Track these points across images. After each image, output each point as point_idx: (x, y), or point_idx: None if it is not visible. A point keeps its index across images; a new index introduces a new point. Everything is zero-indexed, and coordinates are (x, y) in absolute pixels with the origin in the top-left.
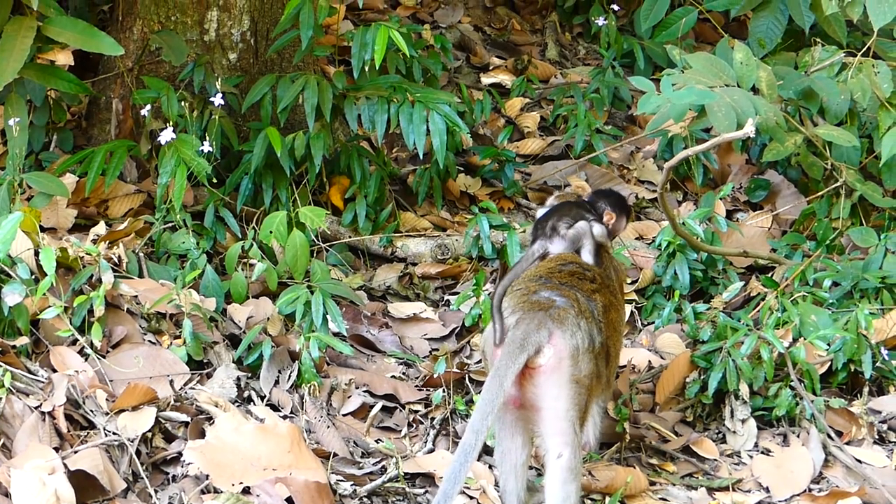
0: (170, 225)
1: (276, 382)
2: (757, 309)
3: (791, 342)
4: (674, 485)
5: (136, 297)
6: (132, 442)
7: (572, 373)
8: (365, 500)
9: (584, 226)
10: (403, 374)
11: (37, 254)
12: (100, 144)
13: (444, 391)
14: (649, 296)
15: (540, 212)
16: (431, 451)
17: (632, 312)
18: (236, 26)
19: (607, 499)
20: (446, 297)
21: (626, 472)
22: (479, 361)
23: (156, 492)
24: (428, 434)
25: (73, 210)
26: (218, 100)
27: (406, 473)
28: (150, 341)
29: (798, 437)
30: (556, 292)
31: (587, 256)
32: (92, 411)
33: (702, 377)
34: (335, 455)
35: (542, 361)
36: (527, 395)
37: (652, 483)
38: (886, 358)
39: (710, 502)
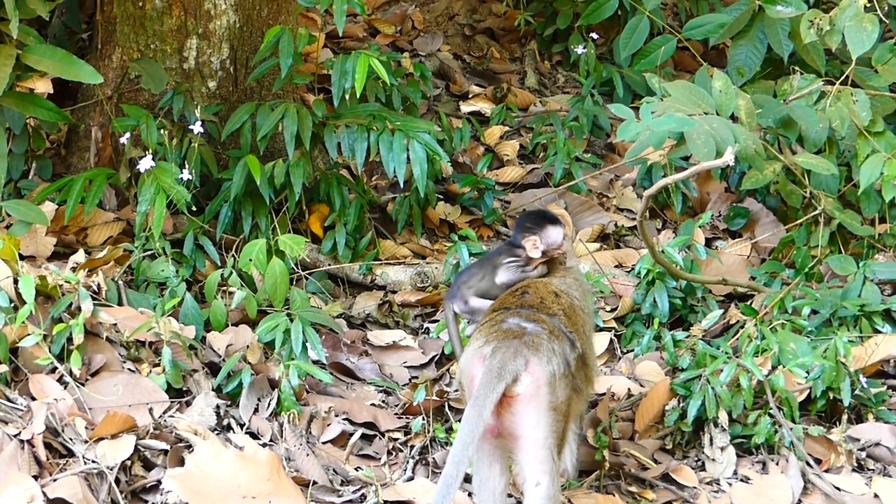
0: (149, 253)
1: (256, 410)
2: (736, 337)
3: (770, 370)
4: None
5: (115, 325)
6: (111, 470)
7: (550, 400)
8: None
9: (448, 308)
10: (383, 401)
11: (16, 282)
12: (79, 172)
13: (423, 419)
14: (629, 323)
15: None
16: (411, 479)
17: (611, 340)
18: (216, 54)
19: None
20: (426, 325)
21: (606, 499)
22: (457, 389)
23: None
24: (407, 462)
25: (52, 238)
26: (197, 128)
27: (386, 501)
28: (129, 369)
29: (777, 464)
30: (522, 318)
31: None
32: (71, 439)
33: (681, 405)
34: (315, 483)
35: (520, 390)
36: (505, 424)
37: None
38: (865, 386)
39: None
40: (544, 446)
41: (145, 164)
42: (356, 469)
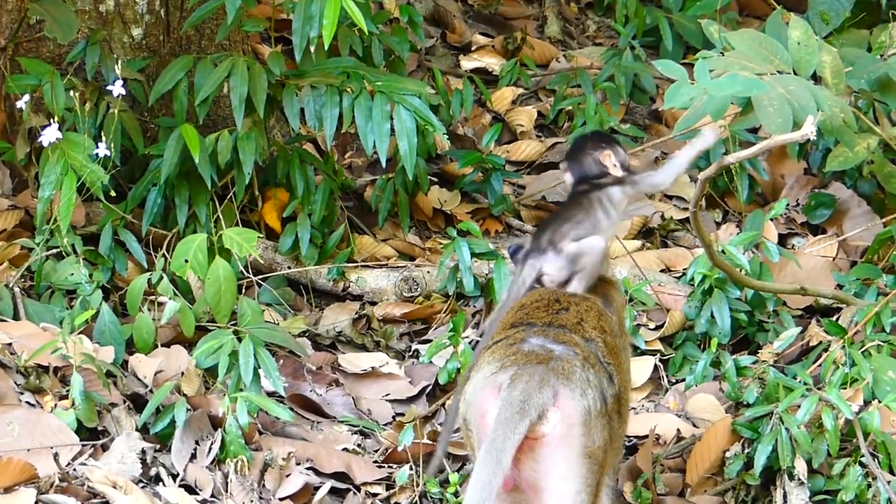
0: (54, 251)
1: (193, 457)
2: (818, 363)
3: (862, 406)
4: None
5: (9, 345)
6: None
7: (584, 444)
8: None
9: (597, 242)
10: (358, 445)
11: None
12: None
13: (411, 469)
14: (678, 345)
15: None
16: None
17: (655, 367)
18: None
19: None
20: (415, 347)
21: None
22: (457, 430)
23: None
24: None
25: None
26: (117, 88)
27: None
28: (27, 403)
29: None
30: (549, 339)
31: (578, 284)
32: None
33: (746, 451)
34: None
35: (548, 430)
36: (525, 474)
37: None
38: None
39: None
40: (575, 503)
41: (49, 135)
42: None
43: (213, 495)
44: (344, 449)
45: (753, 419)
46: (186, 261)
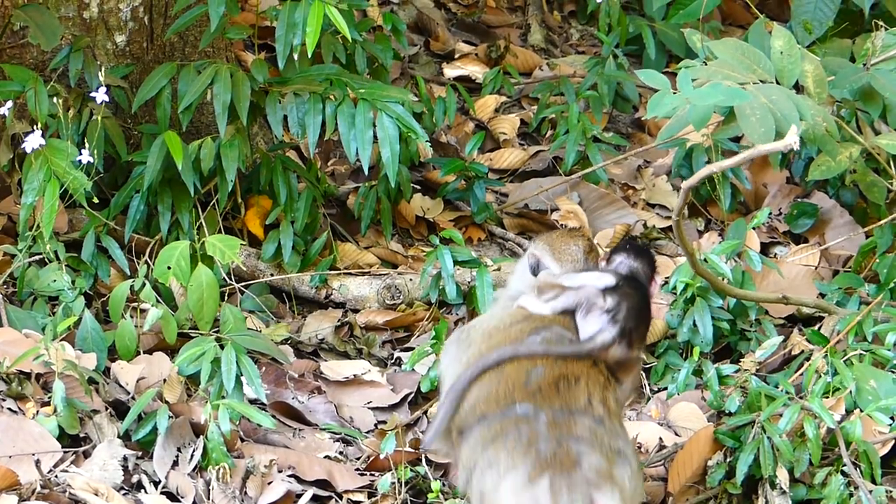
0: (37, 258)
1: (175, 464)
2: (800, 371)
3: (844, 415)
4: None
5: None
6: None
7: None
8: None
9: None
10: (340, 453)
11: None
12: None
13: (393, 476)
14: (660, 354)
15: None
16: None
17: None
18: (125, 0)
19: None
20: (397, 355)
21: None
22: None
23: None
24: None
25: None
26: (101, 95)
27: None
28: (9, 409)
29: None
30: (564, 433)
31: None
32: None
33: (728, 460)
34: None
35: None
36: None
37: None
38: None
39: None
40: None
41: (33, 141)
42: None
43: (195, 502)
44: (326, 456)
45: (735, 428)
46: (169, 267)
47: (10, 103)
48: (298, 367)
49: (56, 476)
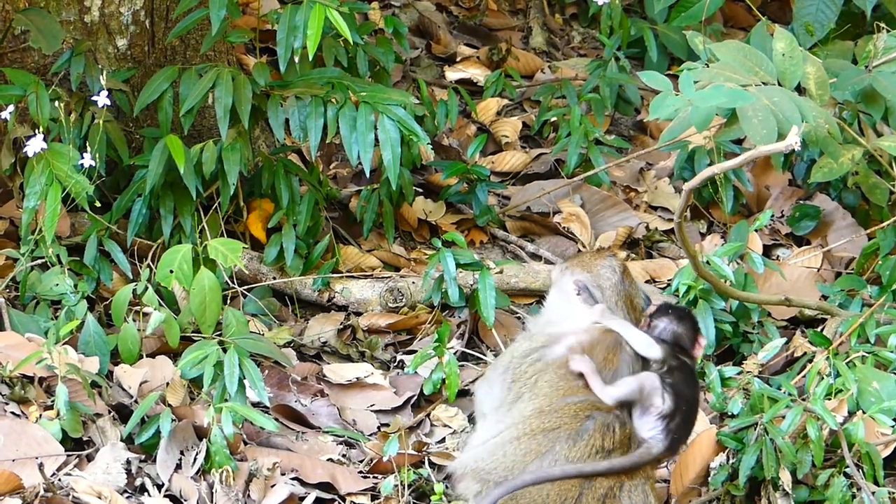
0: (39, 262)
1: (178, 467)
2: (803, 373)
3: (847, 416)
4: None
5: None
6: None
7: None
8: None
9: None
10: (343, 456)
11: None
12: None
13: (396, 479)
14: None
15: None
16: None
17: None
18: (126, 4)
19: None
20: (400, 357)
21: None
22: (442, 440)
23: None
24: None
25: None
26: (102, 99)
27: None
28: (13, 413)
29: None
30: None
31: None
32: None
33: (731, 461)
34: None
35: None
36: None
37: None
38: None
39: None
40: None
41: (34, 145)
42: None
43: None
44: (329, 459)
45: (738, 430)
46: (171, 271)
47: (11, 107)
48: (301, 371)
49: (59, 479)
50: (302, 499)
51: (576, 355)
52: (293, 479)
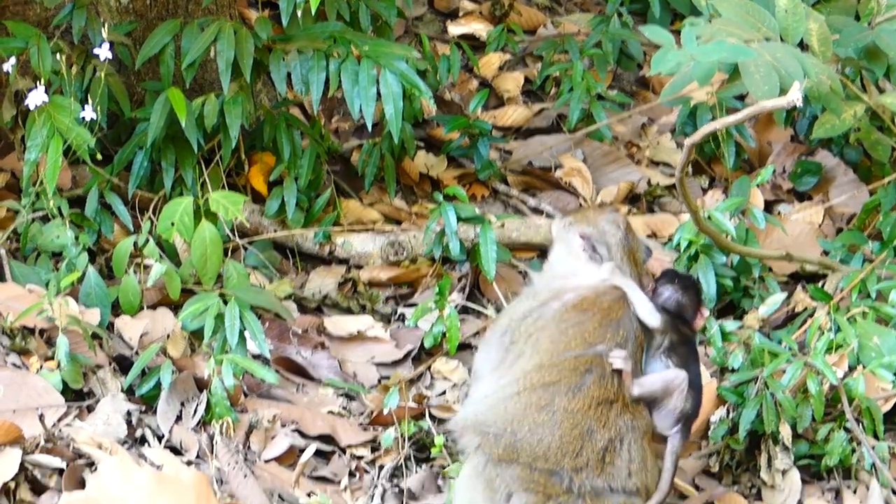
0: (41, 214)
1: (178, 418)
2: (804, 328)
3: (847, 371)
4: None
5: None
6: None
7: None
8: None
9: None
10: (344, 408)
11: None
12: None
13: (396, 432)
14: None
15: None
16: None
17: None
18: None
19: None
20: (400, 311)
21: None
22: (442, 393)
23: None
24: (374, 487)
25: None
26: (104, 52)
27: None
28: (13, 364)
29: (855, 492)
30: None
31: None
32: None
33: (731, 415)
34: None
35: None
36: None
37: None
38: None
39: None
40: None
41: (36, 98)
42: (308, 495)
43: (198, 457)
44: (329, 411)
45: (738, 384)
46: (172, 224)
47: (13, 60)
48: (302, 323)
49: (60, 430)
50: (302, 451)
51: (617, 354)
52: (293, 430)
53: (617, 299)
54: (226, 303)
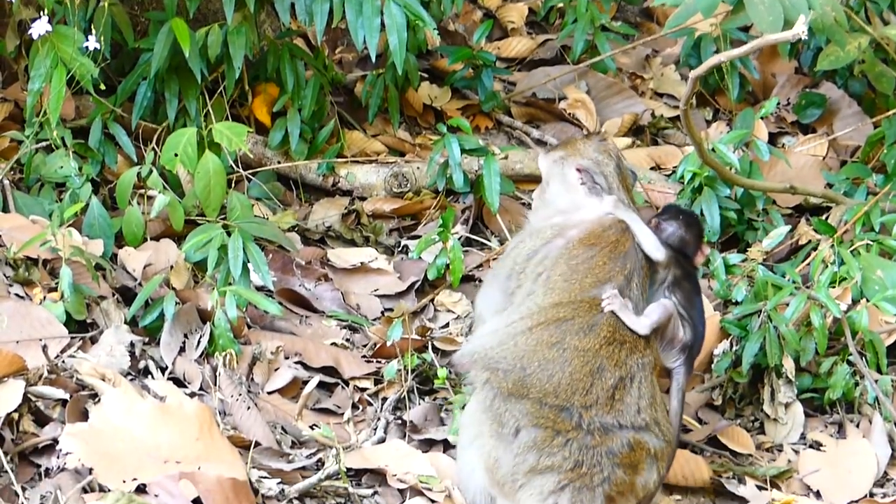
0: (44, 144)
1: (182, 350)
2: (807, 261)
3: (850, 304)
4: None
5: None
6: None
7: None
8: (296, 502)
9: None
10: (347, 340)
11: None
12: None
13: (399, 364)
14: None
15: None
16: (382, 440)
17: None
18: None
19: None
20: (404, 243)
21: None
22: (445, 325)
23: (24, 489)
24: (378, 419)
25: None
26: None
27: (349, 469)
28: (16, 295)
29: (858, 426)
30: (603, 450)
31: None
32: None
33: (734, 348)
34: (257, 444)
35: None
36: None
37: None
38: None
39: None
40: None
41: (39, 28)
42: (311, 427)
43: (201, 388)
44: (332, 343)
45: (742, 317)
46: (176, 154)
47: None
48: (305, 255)
49: (63, 361)
50: (305, 382)
51: (609, 295)
52: (297, 363)
53: (622, 232)
54: (229, 234)
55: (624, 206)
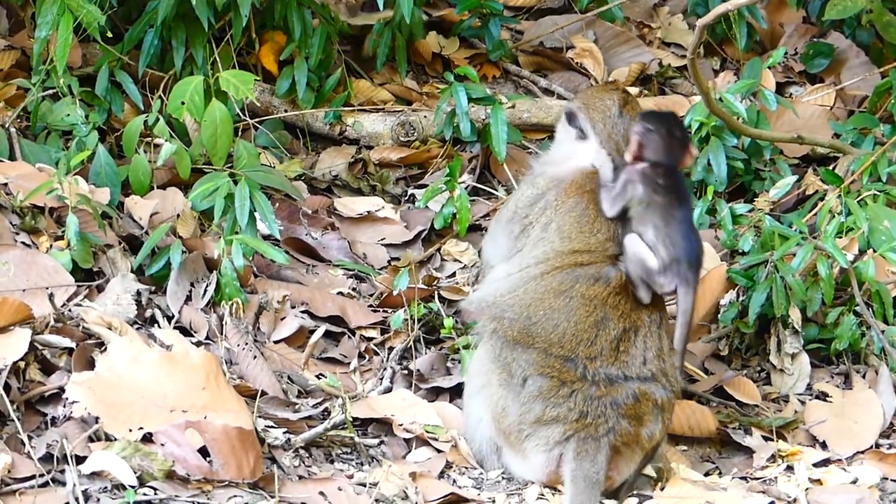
0: (51, 92)
1: (188, 299)
2: (814, 211)
3: (857, 255)
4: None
5: (5, 185)
6: None
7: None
8: (302, 451)
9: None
10: (354, 290)
11: None
12: None
13: (405, 313)
14: None
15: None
16: (389, 390)
17: None
18: None
19: None
20: (411, 192)
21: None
22: (452, 275)
23: (30, 438)
24: (384, 369)
25: None
26: None
27: (355, 419)
28: (23, 243)
29: (864, 377)
30: (609, 402)
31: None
32: None
33: (741, 298)
34: (264, 394)
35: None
36: None
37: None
38: None
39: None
40: None
41: None
42: (318, 377)
43: (207, 337)
44: (339, 293)
45: (748, 267)
46: (183, 103)
47: None
48: (312, 204)
49: (69, 310)
50: (312, 332)
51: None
52: (303, 312)
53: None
54: (236, 182)
55: (604, 154)
